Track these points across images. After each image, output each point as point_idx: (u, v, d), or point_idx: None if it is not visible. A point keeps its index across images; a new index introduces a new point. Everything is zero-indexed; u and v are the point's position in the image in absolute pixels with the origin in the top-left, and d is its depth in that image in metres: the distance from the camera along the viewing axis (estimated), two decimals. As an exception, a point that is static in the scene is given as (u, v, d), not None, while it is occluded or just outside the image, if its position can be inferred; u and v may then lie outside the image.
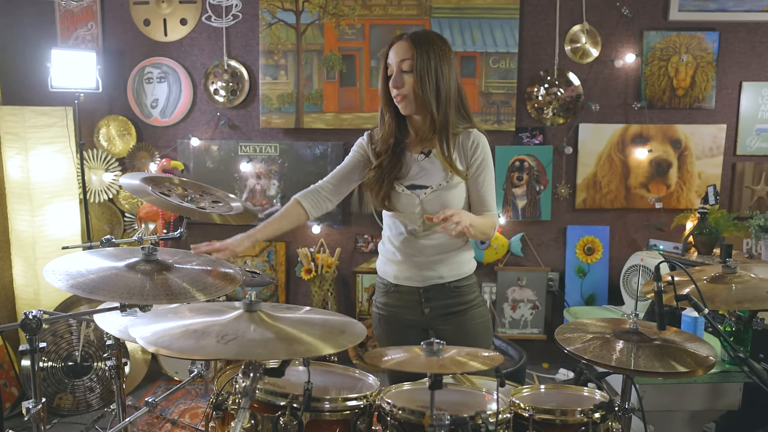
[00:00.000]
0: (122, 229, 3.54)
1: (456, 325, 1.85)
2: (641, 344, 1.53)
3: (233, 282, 1.49)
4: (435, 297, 1.85)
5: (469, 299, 1.86)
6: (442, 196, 1.77)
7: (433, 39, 1.76)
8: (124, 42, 3.48)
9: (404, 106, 1.76)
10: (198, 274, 1.48)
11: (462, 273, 1.85)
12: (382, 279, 1.93)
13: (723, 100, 3.43)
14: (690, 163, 3.46)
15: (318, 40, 3.37)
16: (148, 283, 1.36)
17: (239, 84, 3.45)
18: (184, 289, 1.38)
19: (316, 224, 3.51)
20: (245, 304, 1.14)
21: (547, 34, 3.36)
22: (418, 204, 1.78)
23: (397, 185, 1.80)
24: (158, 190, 2.22)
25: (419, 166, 1.80)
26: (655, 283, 1.41)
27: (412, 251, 1.83)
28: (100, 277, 1.36)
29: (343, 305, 3.63)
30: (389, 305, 1.90)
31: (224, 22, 3.41)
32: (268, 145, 3.47)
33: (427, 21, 3.32)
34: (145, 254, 1.47)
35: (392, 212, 1.85)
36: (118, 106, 3.51)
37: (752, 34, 3.38)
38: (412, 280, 1.85)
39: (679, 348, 1.51)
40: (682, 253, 3.00)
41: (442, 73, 1.73)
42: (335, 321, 1.18)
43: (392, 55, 1.76)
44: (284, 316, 1.16)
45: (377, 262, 1.97)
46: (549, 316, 3.58)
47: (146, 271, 1.43)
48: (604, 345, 1.54)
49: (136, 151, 3.50)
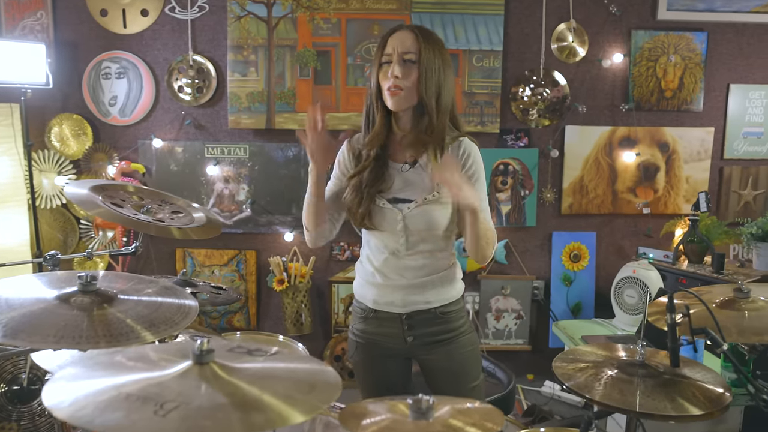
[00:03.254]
0: (77, 237, 3.26)
1: (443, 354, 1.66)
2: (648, 379, 1.38)
3: (188, 315, 1.28)
4: (419, 324, 1.65)
5: (457, 326, 1.67)
6: (429, 212, 1.58)
7: (438, 39, 1.59)
8: (78, 34, 3.20)
9: (396, 101, 1.54)
10: (147, 308, 1.26)
11: (449, 297, 1.66)
12: (360, 303, 1.72)
13: (711, 103, 3.32)
14: (678, 167, 3.34)
15: (291, 34, 3.14)
16: (84, 322, 1.13)
17: (206, 81, 3.20)
18: (129, 327, 1.16)
19: (289, 231, 3.30)
20: (195, 356, 0.93)
21: (533, 32, 3.20)
22: (401, 220, 1.58)
23: (378, 198, 1.59)
24: (109, 201, 1.99)
25: (403, 177, 1.60)
26: (668, 314, 1.25)
27: (393, 273, 1.63)
28: (23, 314, 1.13)
29: (318, 317, 3.42)
30: (368, 333, 1.70)
31: (189, 13, 3.16)
32: (237, 147, 3.24)
33: (408, 16, 3.13)
34: (83, 284, 1.25)
35: (372, 231, 1.65)
36: (72, 103, 3.23)
37: (740, 35, 3.28)
38: (393, 306, 1.65)
39: (690, 383, 1.36)
40: (673, 262, 2.88)
41: (444, 77, 1.55)
42: (304, 371, 0.98)
43: (394, 44, 1.54)
44: (243, 368, 0.96)
45: (354, 283, 1.76)
46: (534, 326, 3.43)
47: (83, 304, 1.21)
48: (608, 380, 1.38)
49: (92, 153, 3.22)
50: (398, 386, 1.74)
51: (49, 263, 1.99)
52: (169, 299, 1.33)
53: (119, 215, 1.90)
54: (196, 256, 3.34)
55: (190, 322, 1.26)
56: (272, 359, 1.02)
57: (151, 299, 1.30)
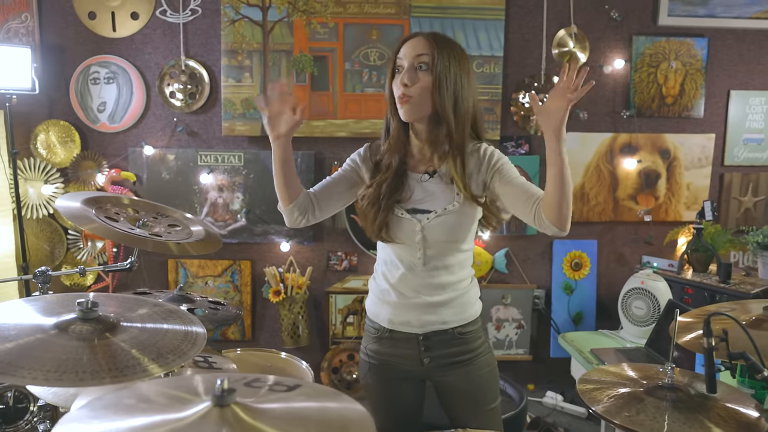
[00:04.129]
0: (65, 248, 3.14)
1: (460, 376, 1.58)
2: (678, 404, 1.32)
3: (196, 343, 1.19)
4: (436, 345, 1.57)
5: (475, 346, 1.59)
6: (448, 222, 1.51)
7: (455, 44, 1.51)
8: (65, 37, 3.08)
9: (407, 110, 1.48)
10: (152, 336, 1.17)
11: (467, 317, 1.58)
12: (374, 323, 1.63)
13: (711, 109, 3.30)
14: (679, 174, 3.31)
15: (287, 39, 3.06)
16: (85, 354, 1.05)
17: (198, 86, 3.10)
18: (134, 359, 1.07)
19: (285, 241, 3.21)
20: (215, 397, 0.84)
21: (534, 38, 3.15)
22: (419, 231, 1.51)
23: (396, 208, 1.52)
24: (103, 215, 1.89)
25: (422, 188, 1.53)
26: (704, 338, 1.19)
27: (409, 291, 1.55)
28: (19, 346, 1.04)
29: (315, 329, 3.33)
30: (381, 354, 1.62)
31: (181, 17, 3.06)
32: (231, 155, 3.14)
33: (407, 20, 3.06)
34: (83, 311, 1.16)
35: (388, 243, 1.58)
36: (59, 109, 3.11)
37: (740, 41, 3.26)
38: (409, 326, 1.57)
39: (722, 408, 1.30)
40: (678, 271, 2.84)
41: (461, 83, 1.47)
42: (333, 411, 0.90)
43: (406, 51, 1.48)
44: (267, 409, 0.87)
45: (367, 301, 1.68)
46: (535, 335, 3.38)
47: (83, 334, 1.12)
48: (637, 405, 1.31)
49: (80, 161, 3.10)
50: (412, 409, 1.67)
51: (39, 280, 1.89)
52: (175, 326, 1.24)
53: (115, 231, 1.81)
54: (189, 266, 3.23)
55: (199, 351, 1.17)
56: (297, 396, 0.93)
57: (156, 326, 1.21)
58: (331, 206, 1.61)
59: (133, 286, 3.16)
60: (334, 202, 1.61)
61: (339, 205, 1.63)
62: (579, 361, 2.37)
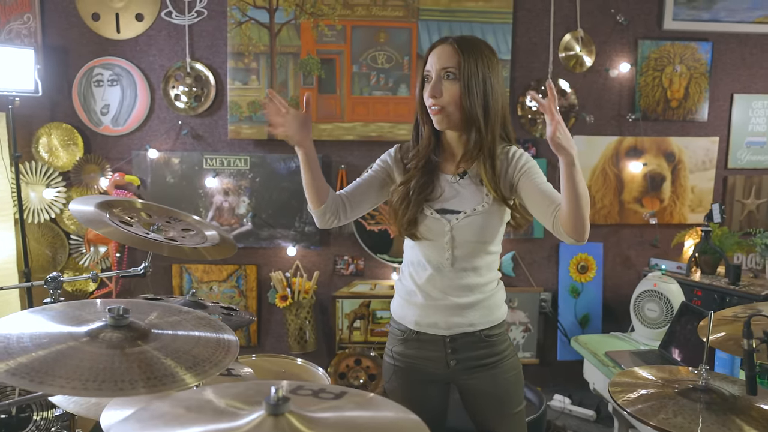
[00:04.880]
0: (67, 253, 3.08)
1: (486, 379, 1.58)
2: (713, 406, 1.31)
3: (230, 351, 1.16)
4: (463, 348, 1.56)
5: (502, 349, 1.59)
6: (477, 223, 1.51)
7: (482, 46, 1.50)
8: (68, 38, 3.03)
9: (440, 120, 1.49)
10: (185, 344, 1.14)
11: (494, 320, 1.58)
12: (400, 324, 1.63)
13: (715, 113, 3.32)
14: (683, 177, 3.33)
15: (294, 41, 3.04)
16: (118, 362, 1.01)
17: (204, 89, 3.07)
18: (168, 369, 1.04)
19: (292, 245, 3.17)
20: (270, 406, 0.82)
21: (541, 41, 3.15)
22: (448, 231, 1.51)
23: (426, 207, 1.52)
24: (117, 219, 1.85)
25: (453, 188, 1.54)
26: (745, 340, 1.19)
27: (437, 292, 1.55)
28: (53, 354, 1.01)
29: (322, 334, 3.30)
30: (407, 356, 1.61)
31: (187, 19, 3.03)
32: (237, 158, 3.11)
33: (415, 23, 3.05)
34: (115, 319, 1.12)
35: (416, 242, 1.57)
36: (62, 112, 3.06)
37: (743, 45, 3.29)
38: (436, 327, 1.56)
39: (756, 409, 1.29)
40: (687, 274, 2.85)
41: (491, 85, 1.47)
42: (389, 420, 0.88)
43: (433, 61, 1.49)
44: (321, 418, 0.85)
45: (393, 303, 1.68)
46: (542, 338, 3.37)
47: (114, 341, 1.08)
48: (673, 408, 1.31)
49: (83, 164, 3.05)
50: (437, 413, 1.65)
51: (51, 286, 1.84)
52: (207, 333, 1.21)
53: (131, 235, 1.77)
54: (194, 271, 3.19)
55: (233, 359, 1.14)
56: (347, 404, 0.91)
57: (187, 333, 1.18)
58: (362, 206, 1.62)
59: (137, 291, 3.11)
60: (365, 202, 1.62)
61: (369, 205, 1.64)
62: (594, 364, 2.36)
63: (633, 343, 2.49)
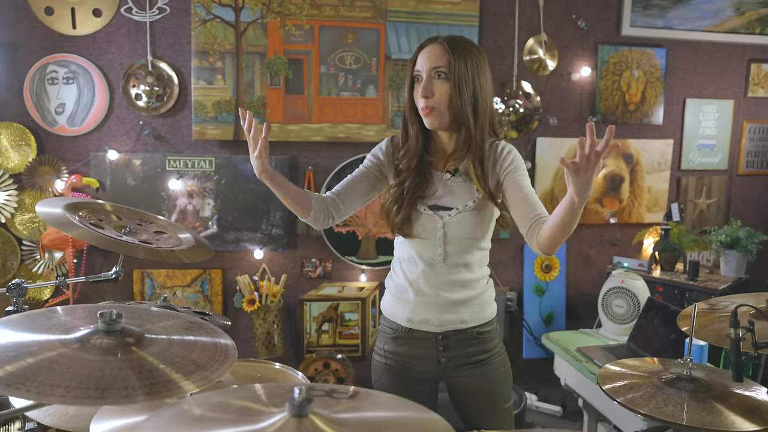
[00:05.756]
0: (18, 260, 2.92)
1: (476, 376, 1.59)
2: (697, 394, 1.36)
3: (228, 356, 1.12)
4: (455, 345, 1.57)
5: (492, 346, 1.61)
6: (468, 219, 1.53)
7: (471, 46, 1.52)
8: (18, 33, 2.88)
9: (431, 120, 1.50)
10: (182, 348, 1.09)
11: (485, 317, 1.60)
12: (391, 322, 1.63)
13: (669, 116, 3.47)
14: (641, 178, 3.46)
15: (261, 41, 2.98)
16: (117, 369, 0.96)
17: (166, 88, 2.97)
18: (165, 376, 0.99)
19: (259, 248, 3.11)
20: (294, 407, 0.79)
21: (506, 44, 3.21)
22: (441, 227, 1.53)
23: (419, 204, 1.53)
24: (87, 221, 1.77)
25: (445, 185, 1.55)
26: (732, 330, 1.24)
27: (429, 288, 1.56)
28: (44, 361, 0.94)
29: (290, 338, 3.24)
30: (399, 354, 1.61)
31: (148, 15, 2.93)
32: (201, 159, 3.02)
33: (383, 25, 3.05)
34: (106, 323, 1.06)
35: (407, 239, 1.57)
36: (12, 111, 2.90)
37: (694, 52, 3.45)
38: (428, 324, 1.57)
39: (743, 399, 1.35)
40: (648, 271, 2.95)
41: (480, 84, 1.49)
42: (413, 420, 0.87)
43: (422, 61, 1.50)
44: (344, 419, 0.83)
45: (383, 300, 1.67)
46: (508, 337, 3.42)
47: (106, 347, 1.03)
48: (663, 397, 1.35)
49: (36, 166, 2.90)
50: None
51: (14, 294, 1.73)
52: (202, 337, 1.16)
53: (102, 236, 1.69)
54: (156, 277, 3.08)
55: (233, 363, 1.10)
56: (365, 405, 0.89)
57: (183, 338, 1.13)
58: (354, 203, 1.61)
59: (96, 298, 2.97)
60: (356, 199, 1.61)
61: (362, 202, 1.63)
62: (566, 360, 2.41)
63: (602, 339, 2.55)
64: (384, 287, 1.70)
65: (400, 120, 3.13)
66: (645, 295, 2.49)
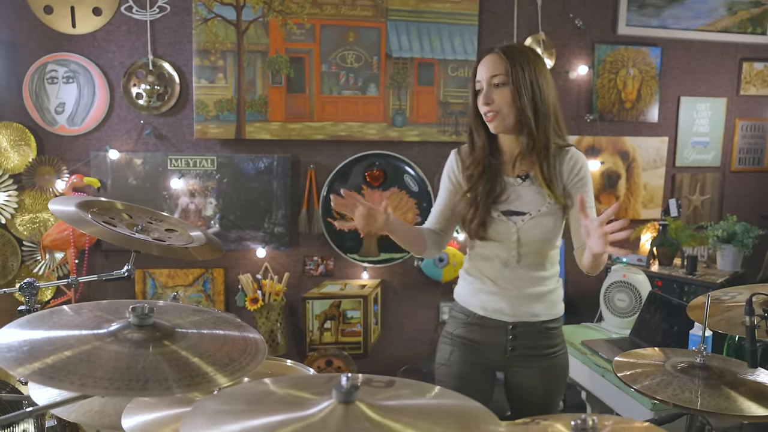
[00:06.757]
0: (19, 260, 2.89)
1: (538, 369, 1.66)
2: (710, 381, 1.40)
3: (258, 351, 1.13)
4: (523, 336, 1.64)
5: (557, 342, 1.69)
6: (542, 224, 1.59)
7: (526, 51, 1.59)
8: (17, 32, 2.85)
9: (496, 125, 1.57)
10: (213, 343, 1.10)
11: (555, 313, 1.69)
12: (464, 309, 1.70)
13: (664, 114, 3.52)
14: (637, 175, 3.51)
15: (262, 39, 2.98)
16: (155, 362, 0.97)
17: (168, 87, 2.96)
18: (200, 368, 1.00)
19: (261, 247, 3.11)
20: (341, 394, 0.81)
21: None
22: (515, 232, 1.59)
23: (493, 210, 1.60)
24: (101, 219, 1.77)
25: (516, 190, 1.61)
26: (747, 317, 1.27)
27: (504, 283, 1.63)
28: (83, 354, 0.95)
29: (292, 336, 3.25)
30: (467, 339, 1.69)
31: (148, 14, 2.92)
32: (203, 159, 3.02)
33: (384, 24, 3.07)
34: (138, 317, 1.07)
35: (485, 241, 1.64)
36: (11, 110, 2.87)
37: (688, 51, 3.51)
38: (501, 314, 1.64)
39: (751, 383, 1.39)
40: (647, 265, 3.00)
41: (539, 86, 1.55)
42: (455, 407, 0.88)
43: (482, 71, 1.58)
44: (389, 405, 0.84)
45: (457, 289, 1.76)
46: (509, 333, 3.45)
47: (138, 341, 1.03)
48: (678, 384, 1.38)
49: (36, 166, 2.88)
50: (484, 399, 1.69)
51: (26, 293, 1.74)
52: (231, 332, 1.17)
53: (115, 234, 1.69)
54: (158, 276, 3.07)
55: (264, 357, 1.11)
56: (405, 392, 0.91)
57: (213, 332, 1.14)
58: (451, 226, 1.75)
59: (98, 299, 2.95)
60: (453, 223, 1.74)
61: (456, 223, 1.73)
62: (570, 353, 2.43)
63: (605, 333, 2.59)
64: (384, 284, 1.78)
65: (401, 118, 3.16)
66: (646, 288, 2.53)
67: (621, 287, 2.57)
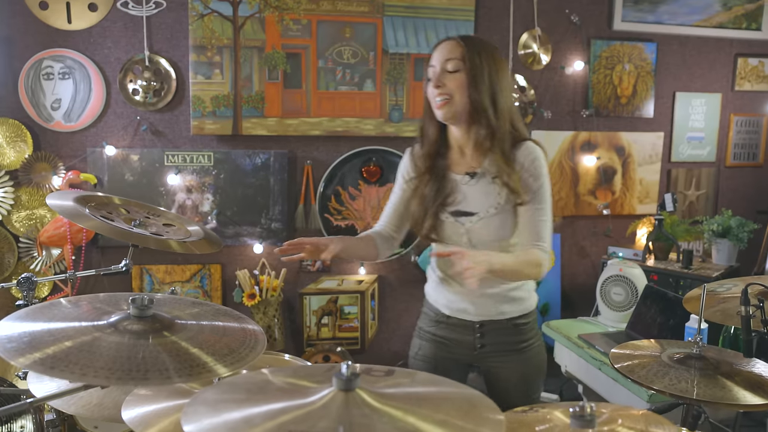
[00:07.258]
0: (16, 257, 2.89)
1: (512, 363, 1.64)
2: (706, 371, 1.41)
3: (258, 342, 1.13)
4: (491, 333, 1.62)
5: (529, 337, 1.65)
6: (492, 223, 1.54)
7: (486, 44, 1.54)
8: (12, 28, 2.84)
9: (445, 112, 1.50)
10: (213, 333, 1.11)
11: (523, 309, 1.64)
12: (432, 307, 1.69)
13: (660, 109, 3.54)
14: (633, 170, 3.53)
15: (258, 35, 2.98)
16: (155, 352, 0.97)
17: (164, 83, 2.96)
18: (198, 359, 1.00)
19: (258, 242, 3.11)
20: (342, 382, 0.81)
21: (502, 39, 3.25)
22: (464, 233, 1.56)
23: (441, 212, 1.56)
24: (98, 213, 1.77)
25: (464, 189, 1.56)
26: (742, 307, 1.28)
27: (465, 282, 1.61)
28: (84, 344, 0.95)
29: (289, 332, 3.25)
30: (437, 335, 1.68)
31: (144, 10, 2.91)
32: (200, 154, 3.02)
33: (380, 19, 3.07)
34: (138, 308, 1.07)
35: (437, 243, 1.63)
36: (7, 106, 2.86)
37: (684, 46, 3.52)
38: (466, 314, 1.61)
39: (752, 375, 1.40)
40: (643, 260, 3.02)
41: (497, 79, 1.50)
42: (455, 394, 0.89)
43: (436, 56, 1.53)
44: (389, 393, 0.85)
45: (427, 285, 1.73)
46: (505, 328, 3.46)
47: (138, 332, 1.04)
48: (674, 374, 1.39)
49: (33, 162, 2.87)
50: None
51: (24, 288, 1.74)
52: (230, 323, 1.18)
53: (113, 228, 1.69)
54: (155, 272, 3.06)
55: (262, 350, 1.12)
56: (404, 381, 0.91)
57: (212, 324, 1.15)
58: (404, 224, 1.70)
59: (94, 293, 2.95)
60: (405, 221, 1.69)
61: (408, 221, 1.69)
62: (567, 347, 2.46)
63: (601, 326, 2.61)
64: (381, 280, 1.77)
65: (397, 114, 3.16)
66: (643, 282, 2.55)
67: (617, 281, 2.58)
